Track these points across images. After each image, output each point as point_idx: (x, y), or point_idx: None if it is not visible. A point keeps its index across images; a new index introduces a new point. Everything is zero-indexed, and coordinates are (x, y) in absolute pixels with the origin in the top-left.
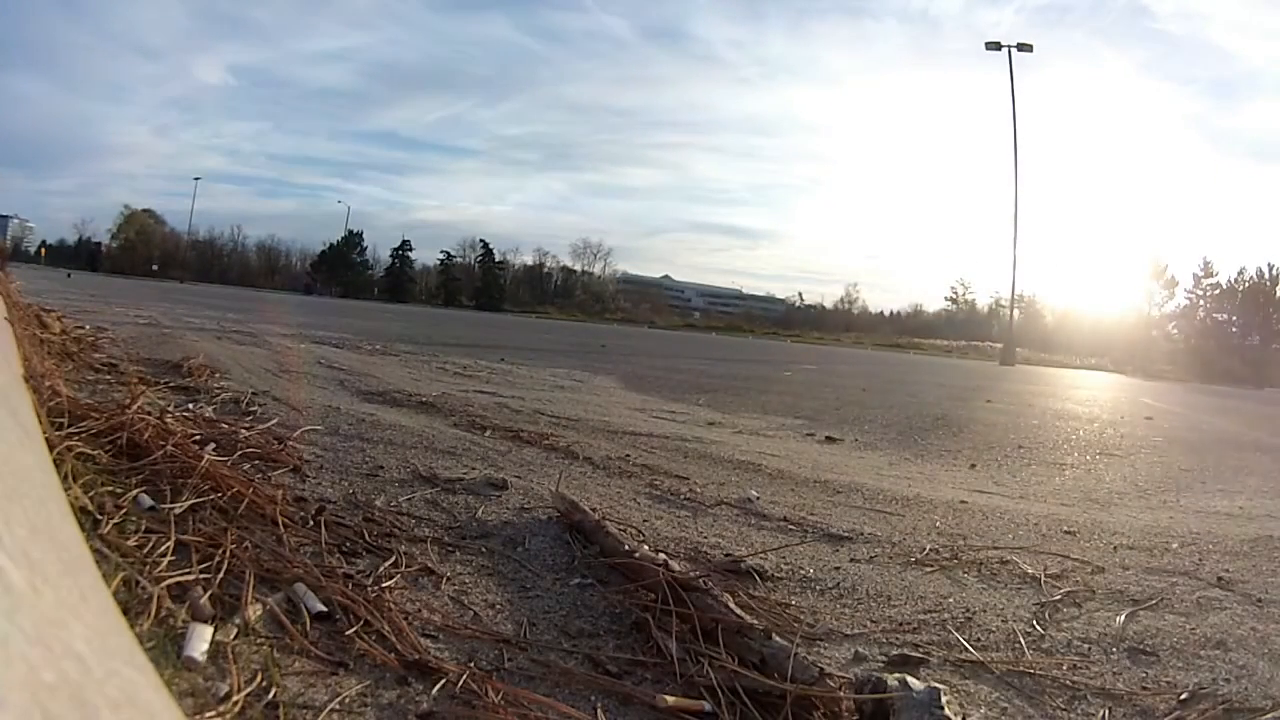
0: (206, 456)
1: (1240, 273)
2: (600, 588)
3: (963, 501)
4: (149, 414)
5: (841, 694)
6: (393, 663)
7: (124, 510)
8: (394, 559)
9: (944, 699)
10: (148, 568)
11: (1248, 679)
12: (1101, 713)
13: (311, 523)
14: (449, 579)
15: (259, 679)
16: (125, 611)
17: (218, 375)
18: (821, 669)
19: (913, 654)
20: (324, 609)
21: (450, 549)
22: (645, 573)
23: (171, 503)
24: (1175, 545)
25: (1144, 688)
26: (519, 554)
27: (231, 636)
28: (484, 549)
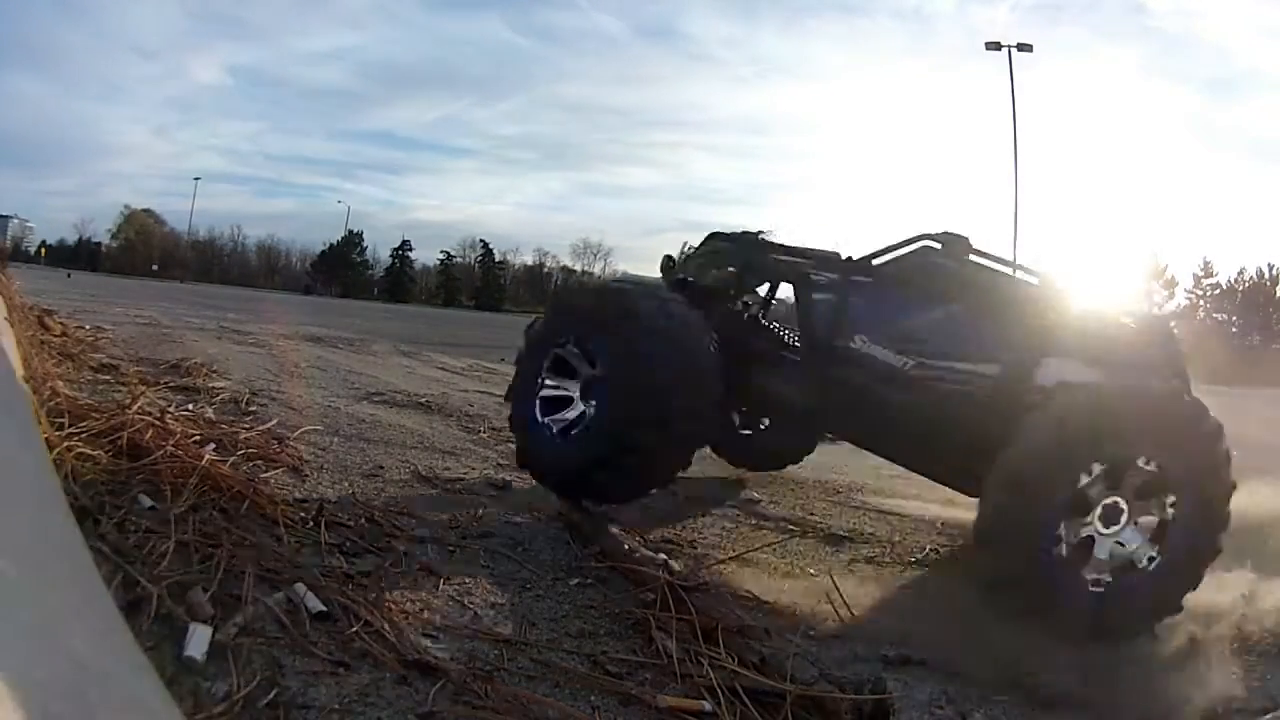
0: (206, 456)
1: (1240, 273)
2: (600, 588)
3: (963, 502)
4: (149, 414)
5: (841, 694)
6: (393, 663)
7: (124, 510)
8: (394, 559)
9: (944, 700)
10: (148, 568)
11: None
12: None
13: (311, 523)
14: (450, 579)
15: (259, 679)
16: (125, 611)
17: (217, 375)
18: (821, 669)
19: (913, 655)
20: (324, 609)
21: (451, 549)
22: (645, 573)
23: (171, 503)
24: None
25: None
26: (519, 554)
27: (231, 636)
28: (484, 549)
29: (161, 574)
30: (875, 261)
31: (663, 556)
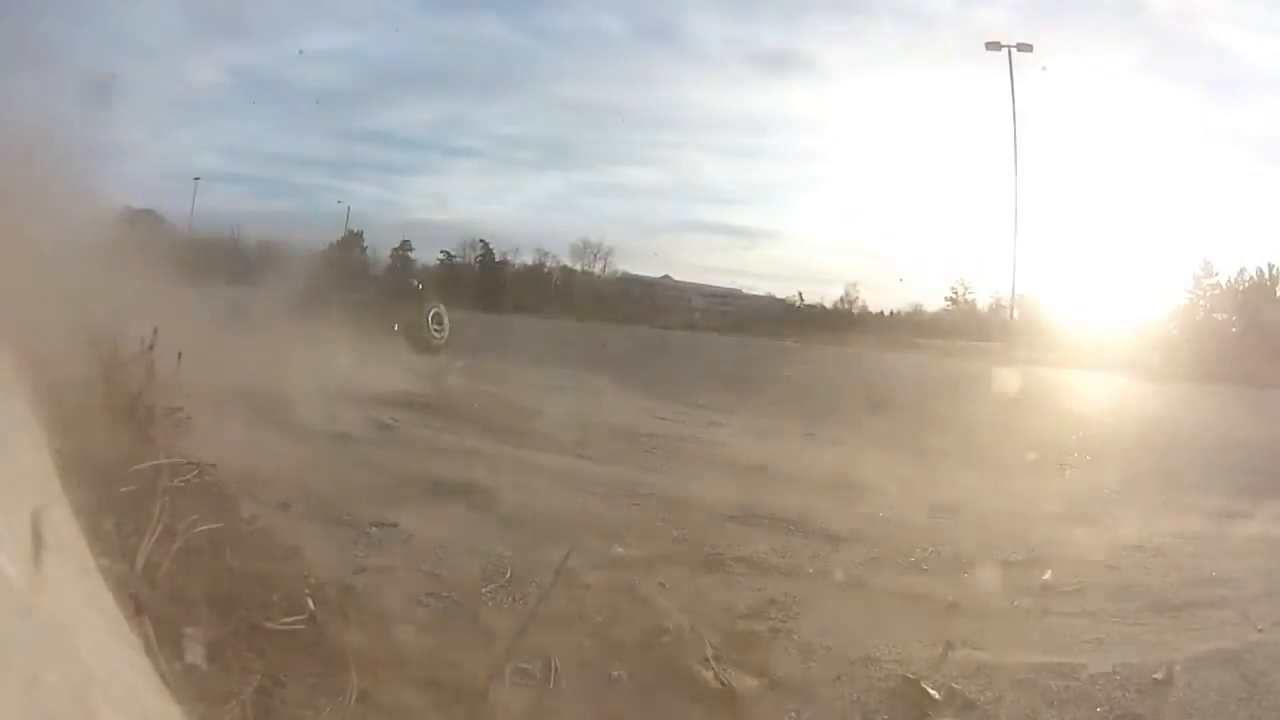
0: None
1: (1240, 273)
2: None
3: (964, 504)
4: None
5: None
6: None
7: (125, 511)
8: None
9: None
10: (149, 570)
11: None
12: None
13: None
14: None
15: (260, 679)
16: (127, 614)
17: None
18: None
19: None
20: None
21: None
22: None
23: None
24: (1174, 544)
25: None
26: None
27: (232, 639)
28: None
29: (163, 577)
30: None
31: None
